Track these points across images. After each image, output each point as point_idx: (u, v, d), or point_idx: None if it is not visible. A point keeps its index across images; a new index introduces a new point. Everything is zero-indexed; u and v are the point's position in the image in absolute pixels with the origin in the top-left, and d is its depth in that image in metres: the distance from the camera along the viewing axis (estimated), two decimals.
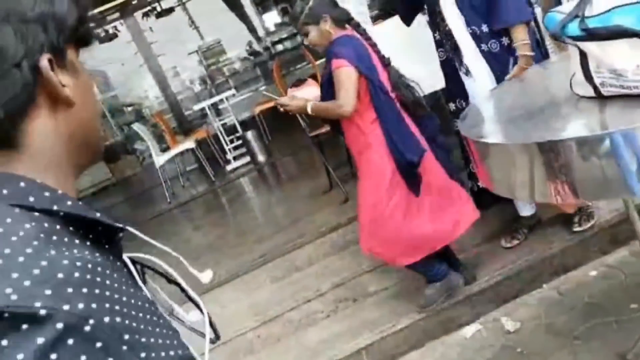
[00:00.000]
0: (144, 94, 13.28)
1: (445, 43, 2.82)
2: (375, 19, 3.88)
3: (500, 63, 2.65)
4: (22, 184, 0.57)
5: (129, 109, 12.92)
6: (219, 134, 6.91)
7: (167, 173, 6.58)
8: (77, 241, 0.56)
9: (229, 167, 6.68)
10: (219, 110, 8.56)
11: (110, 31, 11.25)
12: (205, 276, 1.69)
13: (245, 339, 3.24)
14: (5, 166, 0.58)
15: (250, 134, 6.41)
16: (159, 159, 6.31)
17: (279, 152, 6.63)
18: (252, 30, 12.65)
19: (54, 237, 0.54)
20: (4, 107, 0.56)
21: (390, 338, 2.84)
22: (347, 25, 2.57)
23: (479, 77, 2.73)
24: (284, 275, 3.56)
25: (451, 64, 2.86)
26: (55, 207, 0.57)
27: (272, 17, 12.44)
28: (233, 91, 8.37)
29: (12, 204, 0.55)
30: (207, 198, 6.22)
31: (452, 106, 2.98)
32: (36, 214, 0.55)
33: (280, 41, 12.36)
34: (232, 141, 6.95)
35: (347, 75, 2.40)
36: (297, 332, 3.25)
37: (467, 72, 2.76)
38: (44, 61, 0.58)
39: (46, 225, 0.55)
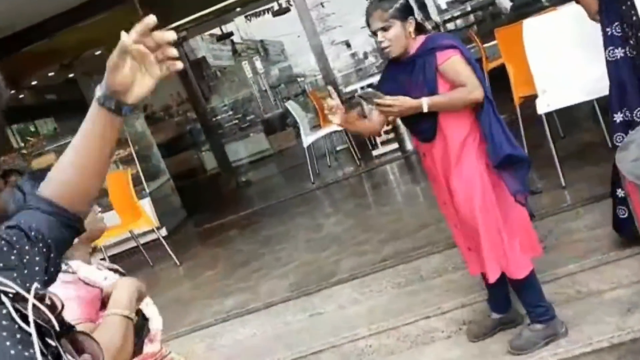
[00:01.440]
0: (310, 69, 13.58)
1: (631, 37, 2.36)
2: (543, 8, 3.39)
3: None
4: None
5: (296, 81, 13.35)
6: None
7: (314, 150, 6.58)
8: None
9: (375, 152, 6.48)
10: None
11: (284, 5, 11.61)
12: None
13: (356, 347, 3.07)
14: None
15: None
16: (307, 139, 6.31)
17: None
18: (421, 6, 12.20)
19: None
20: None
21: None
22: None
23: None
24: (406, 284, 3.30)
25: (631, 63, 2.39)
26: None
27: None
28: None
29: None
30: (349, 182, 6.11)
31: (618, 117, 2.46)
32: None
33: (451, 19, 11.87)
34: None
35: (459, 62, 2.29)
36: (412, 349, 3.01)
37: None
38: None
39: None
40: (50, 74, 11.28)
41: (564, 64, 3.53)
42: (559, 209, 3.25)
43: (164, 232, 6.28)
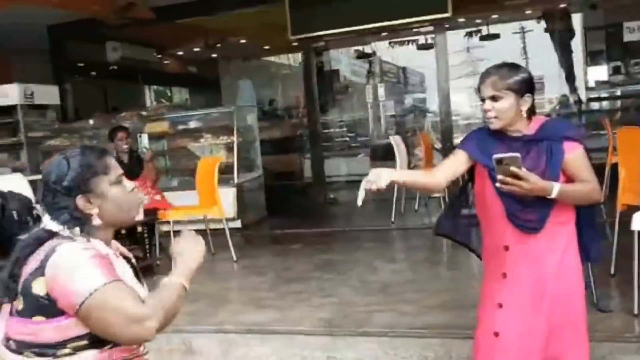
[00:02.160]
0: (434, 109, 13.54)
1: None
2: None
3: None
4: None
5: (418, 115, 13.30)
6: None
7: (405, 190, 6.44)
8: None
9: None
10: None
11: (429, 41, 11.58)
12: None
13: None
14: None
15: None
16: None
17: None
18: (569, 78, 11.61)
19: None
20: None
21: None
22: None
23: None
24: None
25: None
26: None
27: (598, 72, 11.25)
28: None
29: None
30: (428, 233, 5.89)
31: None
32: None
33: (597, 99, 11.20)
34: None
35: (584, 156, 2.12)
36: None
37: None
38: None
39: None
40: (195, 49, 11.99)
41: None
42: (620, 337, 2.91)
43: (238, 224, 6.45)
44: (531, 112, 2.16)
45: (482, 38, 12.68)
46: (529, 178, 2.00)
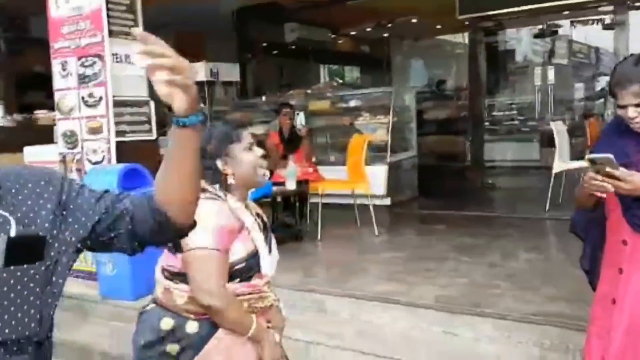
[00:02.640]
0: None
1: None
2: None
3: None
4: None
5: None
6: None
7: (566, 179, 6.17)
8: None
9: None
10: None
11: (607, 21, 10.58)
12: None
13: None
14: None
15: None
16: (558, 165, 5.95)
17: None
18: None
19: None
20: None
21: None
22: None
23: None
24: (550, 347, 3.08)
25: None
26: None
27: None
28: None
29: None
30: None
31: None
32: None
33: None
34: None
35: None
36: None
37: None
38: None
39: None
40: (367, 29, 12.33)
41: None
42: None
43: (388, 201, 6.70)
44: None
45: None
46: (627, 178, 1.91)
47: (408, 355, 3.22)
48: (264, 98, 8.27)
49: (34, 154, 4.99)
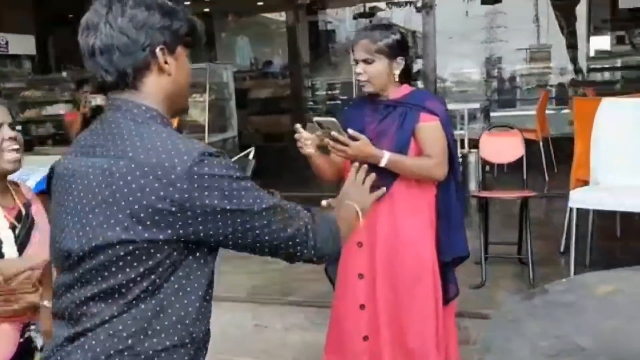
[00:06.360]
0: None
1: None
2: None
3: None
4: (143, 107, 1.16)
5: None
6: None
7: None
8: None
9: None
10: None
11: (427, 2, 11.16)
12: None
13: None
14: (134, 97, 1.16)
15: None
16: None
17: None
18: (570, 46, 11.27)
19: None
20: (132, 68, 1.14)
21: None
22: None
23: None
24: None
25: None
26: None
27: (600, 42, 10.89)
28: None
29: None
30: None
31: None
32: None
33: (599, 70, 10.88)
34: None
35: (439, 130, 2.04)
36: None
37: None
38: (158, 49, 1.15)
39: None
40: (186, 1, 11.68)
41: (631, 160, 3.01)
42: None
43: None
44: (406, 76, 2.09)
45: (484, 2, 12.13)
46: (351, 143, 1.94)
47: None
48: (64, 74, 7.37)
49: None
